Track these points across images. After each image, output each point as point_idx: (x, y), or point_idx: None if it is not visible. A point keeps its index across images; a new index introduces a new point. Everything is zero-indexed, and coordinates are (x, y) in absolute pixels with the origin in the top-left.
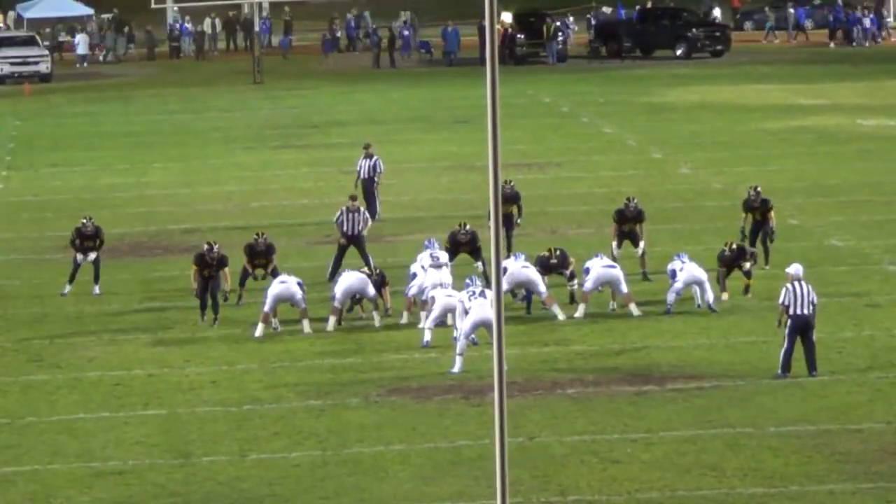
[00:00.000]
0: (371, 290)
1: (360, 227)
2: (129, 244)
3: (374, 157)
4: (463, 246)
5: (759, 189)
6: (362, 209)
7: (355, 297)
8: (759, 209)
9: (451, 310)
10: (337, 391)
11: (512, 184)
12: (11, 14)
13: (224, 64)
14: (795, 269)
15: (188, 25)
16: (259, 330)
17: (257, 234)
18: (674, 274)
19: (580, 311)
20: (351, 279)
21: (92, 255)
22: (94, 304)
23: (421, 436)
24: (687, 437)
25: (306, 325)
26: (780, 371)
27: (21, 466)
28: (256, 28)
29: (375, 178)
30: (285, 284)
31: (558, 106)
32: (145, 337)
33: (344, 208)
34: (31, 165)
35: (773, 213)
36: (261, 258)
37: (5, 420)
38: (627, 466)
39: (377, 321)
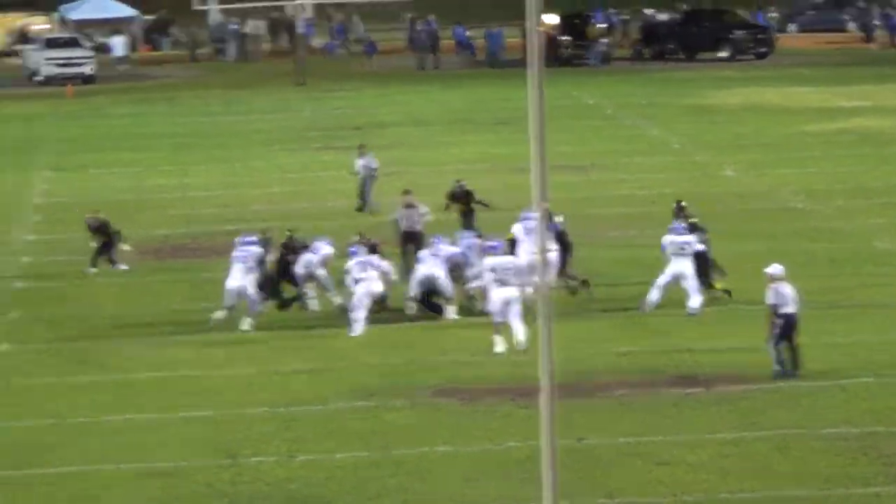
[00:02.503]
0: (445, 284)
1: (417, 225)
2: (173, 245)
3: (367, 156)
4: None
5: None
6: (420, 205)
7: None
8: None
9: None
10: (384, 392)
11: (462, 183)
12: (56, 15)
13: (267, 65)
14: (775, 269)
15: (235, 26)
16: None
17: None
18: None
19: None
20: (424, 271)
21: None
22: (140, 305)
23: (468, 438)
24: (732, 439)
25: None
26: (779, 369)
27: (67, 467)
28: (299, 30)
29: (368, 179)
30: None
31: (602, 108)
32: (191, 338)
33: (401, 207)
34: (75, 167)
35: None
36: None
37: (52, 420)
38: (673, 468)
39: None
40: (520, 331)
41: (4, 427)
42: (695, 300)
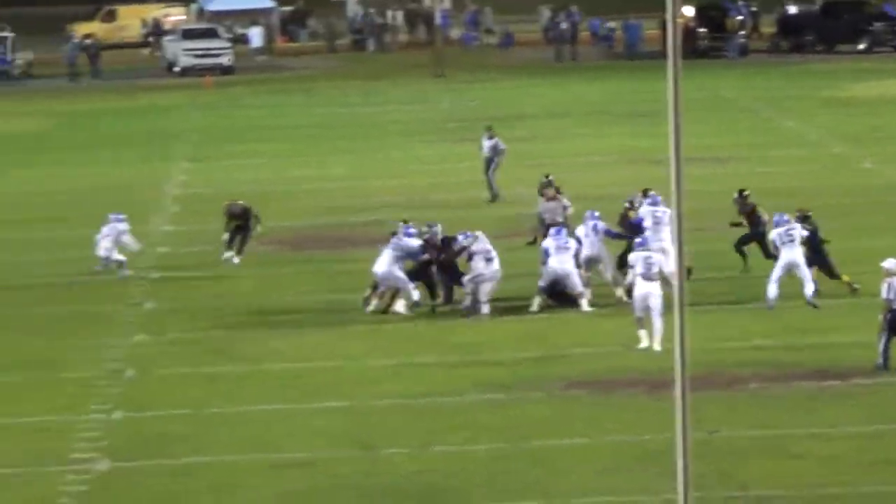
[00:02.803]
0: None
1: (559, 217)
2: (311, 236)
3: (495, 139)
4: None
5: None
6: (562, 198)
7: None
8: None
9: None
10: (519, 384)
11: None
12: (194, 6)
13: (405, 57)
14: (890, 263)
15: (372, 18)
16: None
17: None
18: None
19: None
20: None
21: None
22: (276, 295)
23: (603, 430)
24: (868, 432)
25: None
26: (881, 362)
27: (204, 457)
28: (437, 21)
29: (495, 159)
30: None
31: (739, 100)
32: (327, 329)
33: (544, 200)
34: (213, 157)
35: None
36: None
37: (188, 411)
38: (808, 462)
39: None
40: (658, 332)
41: (140, 417)
42: (808, 287)
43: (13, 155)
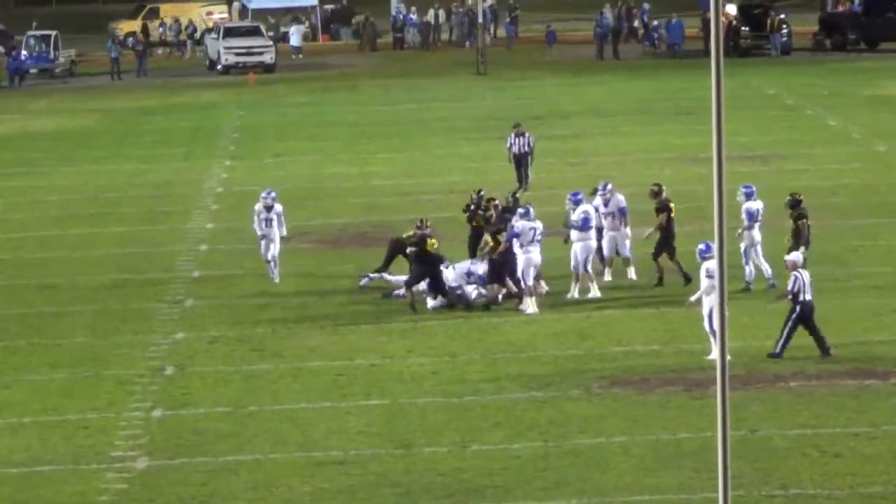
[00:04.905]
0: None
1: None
2: (352, 234)
3: (527, 135)
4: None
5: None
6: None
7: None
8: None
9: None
10: (558, 382)
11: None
12: (236, 5)
13: (448, 54)
14: (796, 256)
15: (413, 16)
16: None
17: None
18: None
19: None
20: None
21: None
22: (316, 293)
23: (643, 428)
24: None
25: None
26: (778, 352)
27: (243, 455)
28: (480, 19)
29: (529, 154)
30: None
31: (782, 98)
32: (367, 327)
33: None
34: (255, 155)
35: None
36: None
37: (228, 409)
38: (850, 460)
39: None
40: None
41: (180, 415)
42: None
43: (57, 152)
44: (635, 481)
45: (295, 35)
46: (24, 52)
